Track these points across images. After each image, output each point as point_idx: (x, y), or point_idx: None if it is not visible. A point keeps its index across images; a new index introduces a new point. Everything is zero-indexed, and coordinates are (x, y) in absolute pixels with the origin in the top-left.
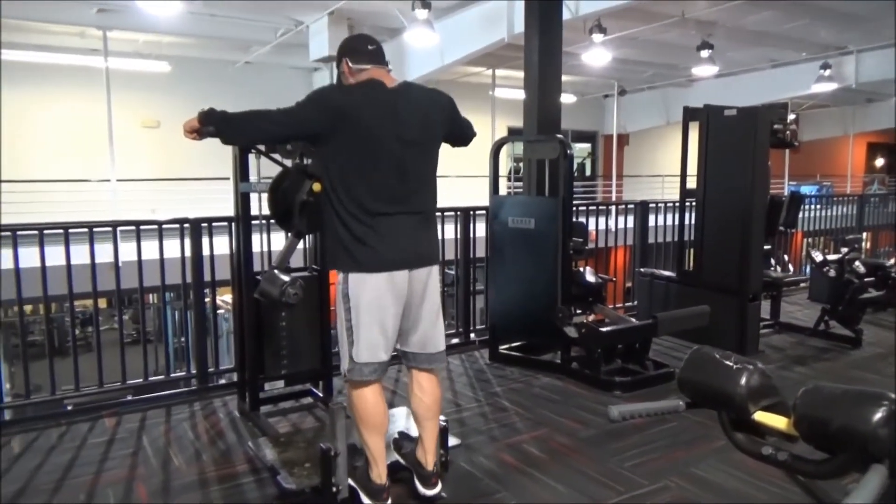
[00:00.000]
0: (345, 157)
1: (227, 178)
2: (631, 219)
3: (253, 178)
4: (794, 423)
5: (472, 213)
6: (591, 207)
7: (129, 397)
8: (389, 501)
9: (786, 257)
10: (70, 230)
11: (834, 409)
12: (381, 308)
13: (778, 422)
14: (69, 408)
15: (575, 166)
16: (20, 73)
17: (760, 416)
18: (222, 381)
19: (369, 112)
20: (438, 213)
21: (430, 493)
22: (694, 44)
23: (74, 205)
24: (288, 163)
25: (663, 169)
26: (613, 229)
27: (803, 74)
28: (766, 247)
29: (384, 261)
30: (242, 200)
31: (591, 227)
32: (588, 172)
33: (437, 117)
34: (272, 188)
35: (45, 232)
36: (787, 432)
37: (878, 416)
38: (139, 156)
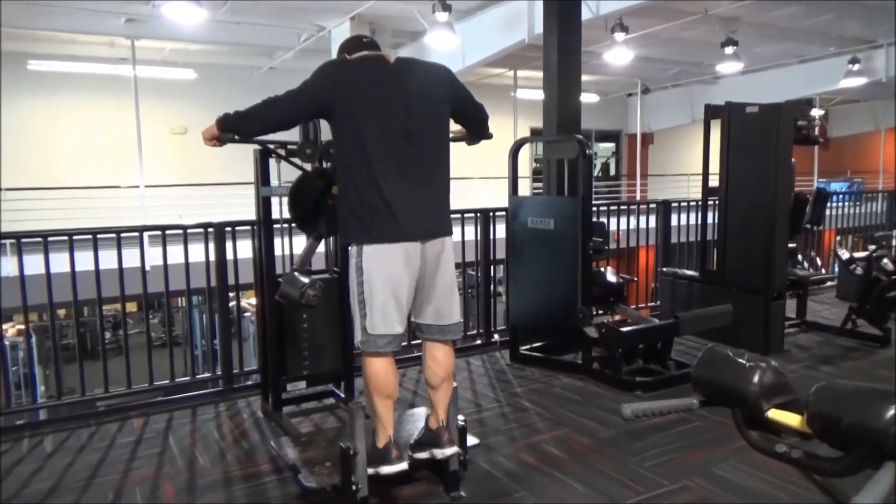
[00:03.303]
0: (354, 128)
1: (251, 183)
2: (654, 218)
3: (274, 182)
4: (807, 420)
5: (491, 214)
6: (612, 207)
7: (161, 398)
8: (404, 461)
9: (815, 255)
10: (98, 235)
11: (846, 406)
12: (394, 280)
13: (791, 419)
14: (101, 408)
15: (599, 166)
16: (52, 83)
17: (774, 414)
18: (248, 383)
19: (375, 83)
20: (458, 215)
21: (446, 452)
22: (718, 40)
23: (105, 210)
24: (307, 167)
25: (689, 167)
26: (637, 229)
27: (832, 69)
28: (791, 245)
29: (397, 232)
30: (264, 204)
31: (615, 227)
32: (612, 172)
33: (439, 86)
34: (293, 192)
35: (75, 238)
36: (801, 430)
37: (889, 413)
38: (167, 162)
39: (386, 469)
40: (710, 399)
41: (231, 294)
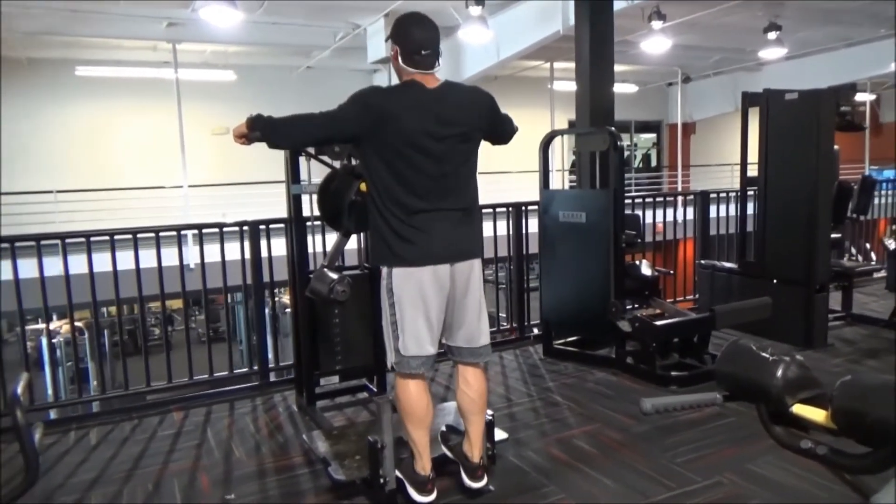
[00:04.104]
0: (384, 157)
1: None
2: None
3: (305, 180)
4: (831, 415)
5: (523, 208)
6: (647, 200)
7: (208, 391)
8: (434, 493)
9: (867, 246)
10: (139, 234)
11: (871, 401)
12: (424, 302)
13: (817, 414)
14: (150, 401)
15: (640, 157)
16: (99, 88)
17: (799, 409)
18: (288, 377)
19: (407, 113)
20: (490, 209)
21: (476, 485)
22: (761, 26)
23: (151, 210)
24: (336, 164)
25: (733, 157)
26: (678, 221)
27: (882, 52)
28: (835, 235)
29: (426, 255)
30: (294, 202)
31: (658, 219)
32: (654, 163)
33: (475, 116)
34: (321, 189)
35: (116, 237)
36: (826, 425)
37: None
38: (209, 162)
39: (417, 497)
40: (733, 394)
41: (268, 291)
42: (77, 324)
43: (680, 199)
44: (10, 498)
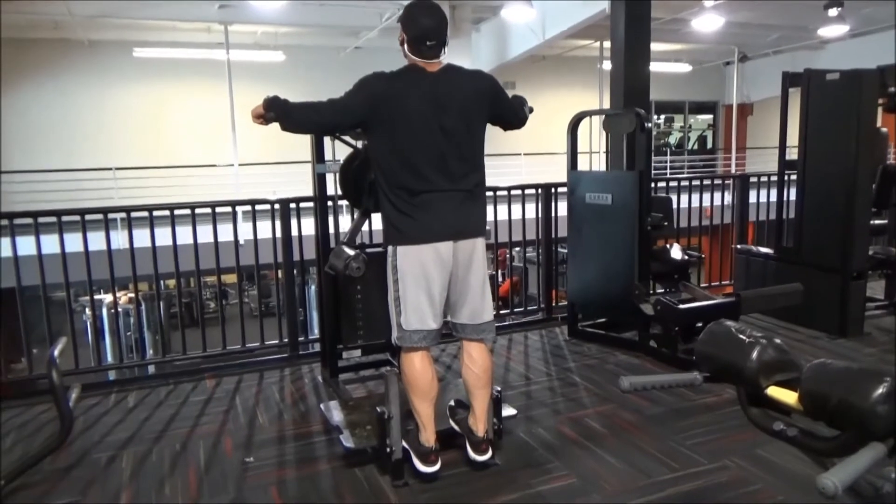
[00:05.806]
0: (388, 140)
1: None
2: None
3: (329, 159)
4: (799, 397)
5: (553, 189)
6: (682, 183)
7: (246, 360)
8: (438, 464)
9: None
10: (175, 210)
11: (835, 384)
12: (426, 278)
13: (788, 397)
14: (203, 366)
15: (694, 139)
16: (156, 69)
17: (773, 391)
18: (316, 349)
19: (409, 98)
20: (518, 191)
21: (480, 458)
22: (821, 2)
23: (203, 188)
24: (359, 144)
25: (791, 140)
26: (724, 204)
27: None
28: (880, 221)
29: (428, 232)
30: (319, 181)
31: (707, 203)
32: (710, 145)
33: (477, 99)
34: (343, 169)
35: (156, 213)
36: (797, 408)
37: (876, 392)
38: (259, 141)
39: (421, 467)
40: (713, 375)
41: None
42: (132, 295)
43: (712, 182)
44: (44, 452)
